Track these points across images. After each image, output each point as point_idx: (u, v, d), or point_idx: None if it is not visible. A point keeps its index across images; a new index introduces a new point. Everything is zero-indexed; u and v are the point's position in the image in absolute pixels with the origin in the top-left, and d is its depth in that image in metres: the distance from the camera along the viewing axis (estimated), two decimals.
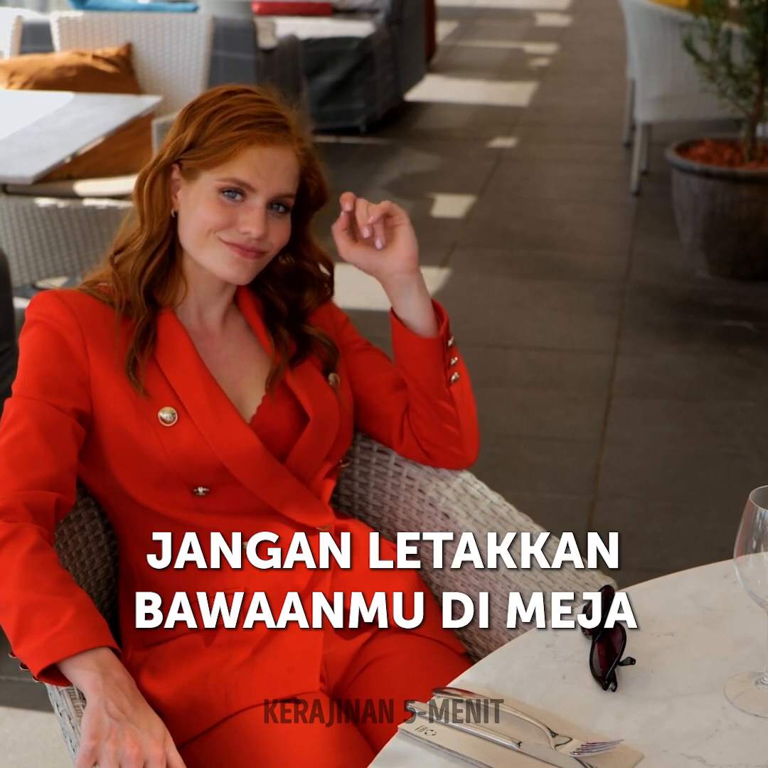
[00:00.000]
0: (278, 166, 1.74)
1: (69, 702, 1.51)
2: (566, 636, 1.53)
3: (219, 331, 1.84)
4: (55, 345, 1.74)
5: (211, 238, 1.74)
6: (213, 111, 1.74)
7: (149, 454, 1.72)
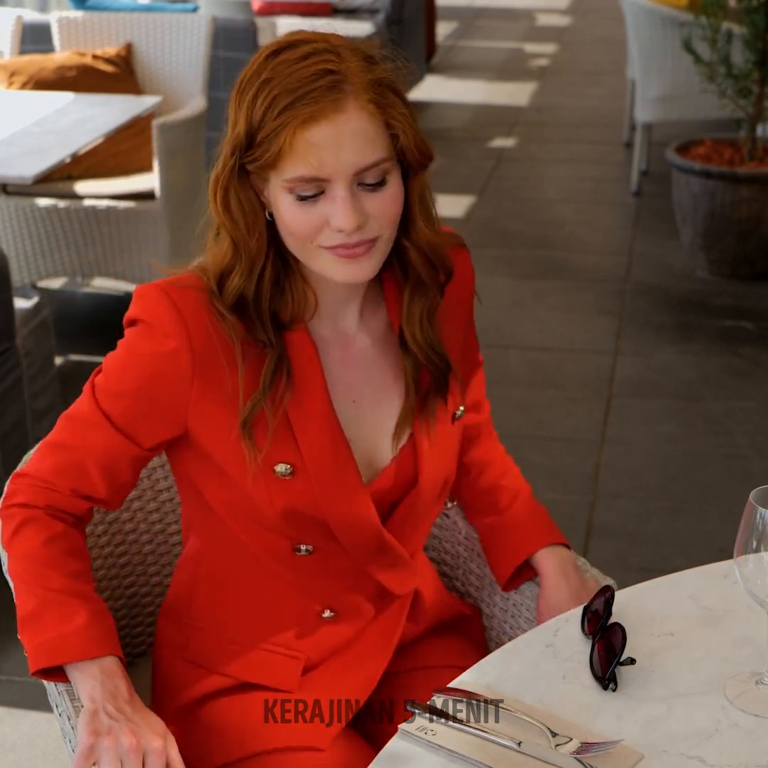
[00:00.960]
0: (340, 139, 1.41)
1: (68, 702, 1.51)
2: (566, 636, 1.53)
3: (355, 333, 1.58)
4: (155, 368, 1.51)
5: (310, 246, 1.47)
6: (256, 90, 1.43)
7: (256, 503, 1.53)
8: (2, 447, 3.05)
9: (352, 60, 1.44)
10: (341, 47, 1.45)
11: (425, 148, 1.49)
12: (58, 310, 4.57)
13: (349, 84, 1.42)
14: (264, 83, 1.43)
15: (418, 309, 1.56)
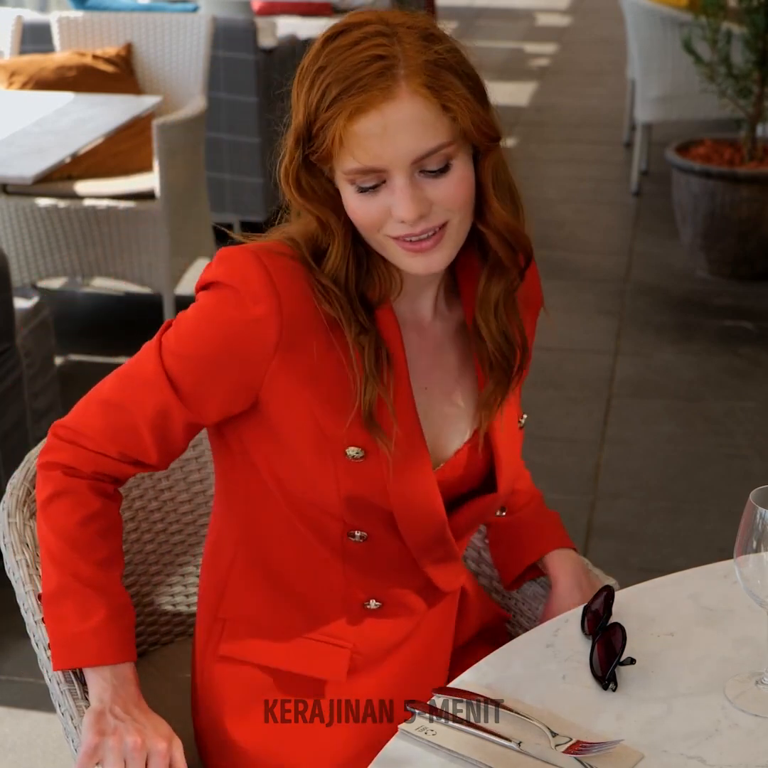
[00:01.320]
0: (398, 127, 1.35)
1: (71, 702, 1.51)
2: (566, 636, 1.53)
3: (431, 320, 1.53)
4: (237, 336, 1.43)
5: (377, 236, 1.42)
6: (312, 78, 1.38)
7: (318, 483, 1.48)
8: (2, 447, 3.05)
9: (407, 40, 1.37)
10: (398, 26, 1.38)
11: (489, 128, 1.44)
12: (58, 310, 4.57)
13: (400, 68, 1.35)
14: (318, 71, 1.37)
15: (494, 293, 1.51)
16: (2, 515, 1.65)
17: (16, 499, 1.66)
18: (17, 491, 1.67)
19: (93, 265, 4.32)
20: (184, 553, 1.90)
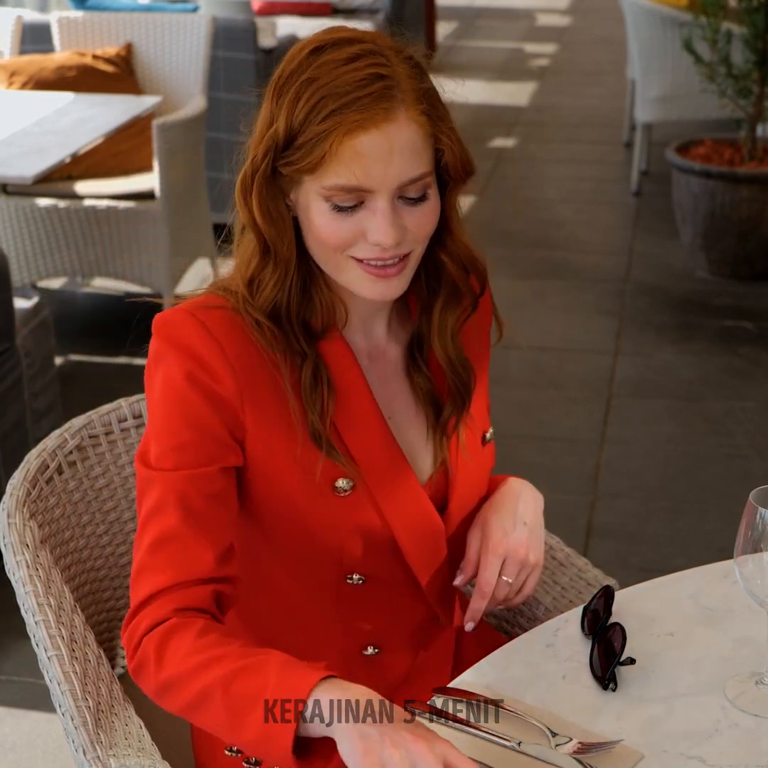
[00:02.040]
0: (390, 150, 1.34)
1: (71, 702, 1.51)
2: (566, 636, 1.53)
3: (386, 343, 1.52)
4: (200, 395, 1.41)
5: (340, 258, 1.40)
6: (298, 89, 1.34)
7: (314, 527, 1.46)
8: (2, 447, 3.05)
9: (400, 65, 1.36)
10: (388, 50, 1.37)
11: (468, 163, 1.44)
12: (58, 310, 4.57)
13: (400, 91, 1.35)
14: (307, 82, 1.34)
15: (451, 320, 1.52)
16: (2, 515, 1.65)
17: (16, 499, 1.66)
18: (17, 491, 1.67)
19: (93, 265, 4.32)
20: None
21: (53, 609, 1.58)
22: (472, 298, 1.54)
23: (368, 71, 1.34)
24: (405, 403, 1.53)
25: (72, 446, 1.75)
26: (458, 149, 1.42)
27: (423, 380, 1.53)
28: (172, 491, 1.41)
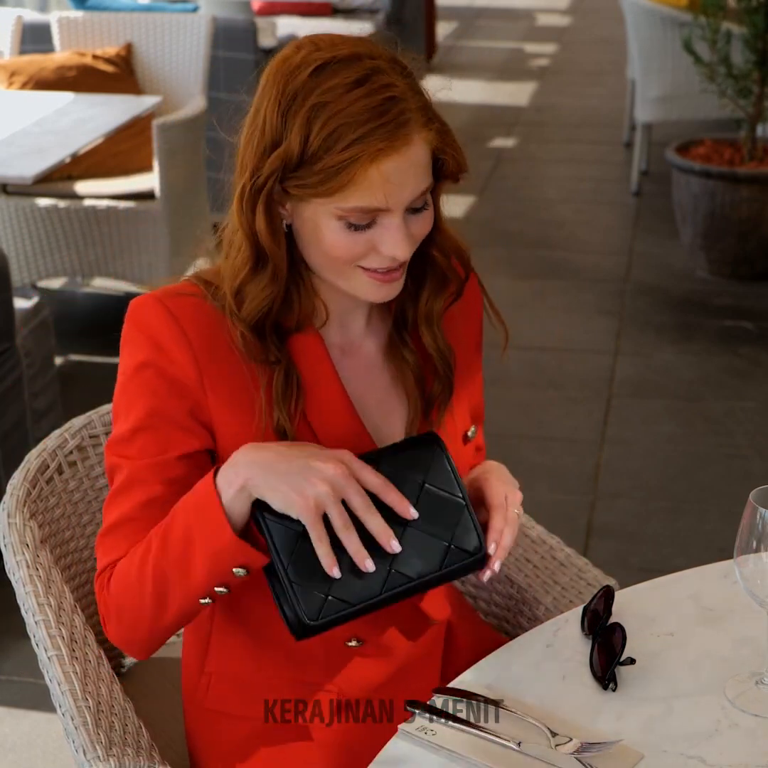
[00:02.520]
0: (408, 171, 1.38)
1: (71, 702, 1.51)
2: (566, 636, 1.53)
3: (362, 339, 1.56)
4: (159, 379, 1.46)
5: (348, 267, 1.43)
6: (309, 111, 1.36)
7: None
8: (2, 447, 3.05)
9: (401, 80, 1.39)
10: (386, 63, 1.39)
11: (465, 164, 1.48)
12: (58, 310, 4.57)
13: (411, 112, 1.38)
14: (319, 107, 1.36)
15: (437, 307, 1.55)
16: (2, 516, 1.65)
17: (16, 499, 1.66)
18: (17, 491, 1.67)
19: (93, 265, 4.32)
20: None
21: (53, 609, 1.58)
22: (457, 284, 1.58)
23: (380, 96, 1.36)
24: (380, 397, 1.56)
25: (72, 446, 1.75)
26: (459, 156, 1.46)
27: (412, 358, 1.56)
28: (134, 479, 1.47)
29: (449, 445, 1.53)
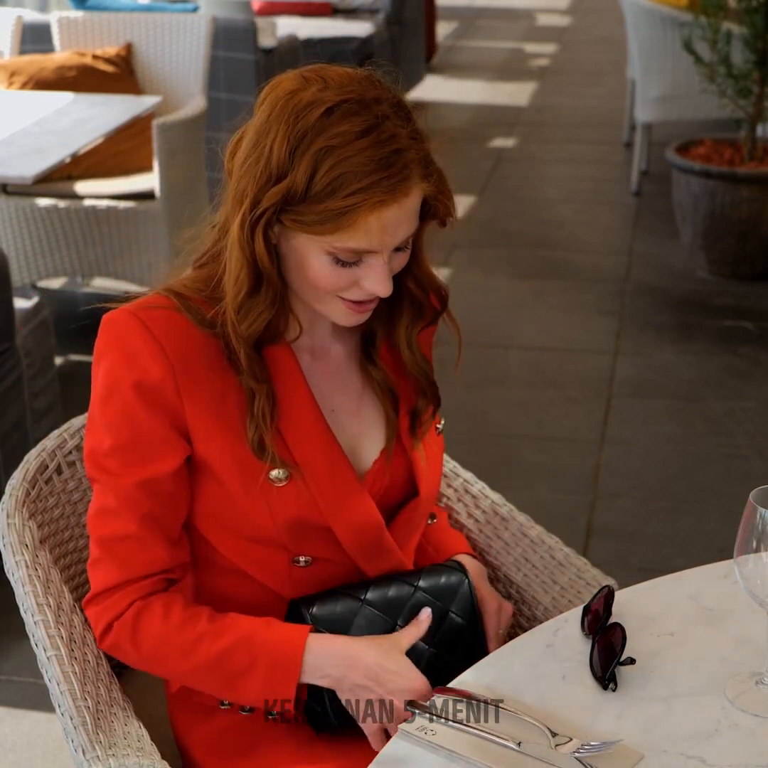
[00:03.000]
0: (403, 220, 1.45)
1: (71, 702, 1.51)
2: (566, 636, 1.53)
3: (330, 344, 1.61)
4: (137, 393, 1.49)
5: (328, 297, 1.49)
6: (317, 153, 1.41)
7: (252, 516, 1.53)
8: (2, 447, 3.05)
9: (402, 128, 1.44)
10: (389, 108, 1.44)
11: (454, 211, 1.54)
12: (58, 310, 4.57)
13: (413, 164, 1.44)
14: (327, 151, 1.41)
15: (415, 334, 1.61)
16: (1, 516, 1.65)
17: (16, 499, 1.66)
18: (17, 492, 1.67)
19: (93, 265, 4.32)
20: None
21: (52, 609, 1.58)
22: (432, 315, 1.63)
23: (386, 150, 1.41)
24: (348, 398, 1.61)
25: (71, 446, 1.75)
26: (450, 203, 1.52)
27: (379, 375, 1.62)
28: (123, 497, 1.51)
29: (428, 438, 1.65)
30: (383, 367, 1.62)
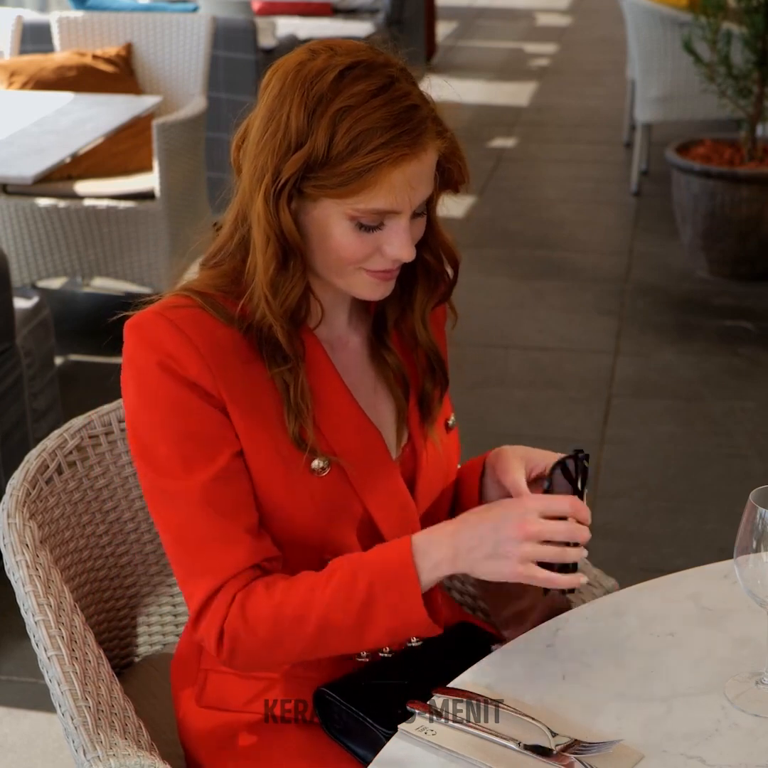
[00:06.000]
0: (422, 177, 1.45)
1: (71, 702, 1.51)
2: (566, 636, 1.53)
3: (348, 334, 1.60)
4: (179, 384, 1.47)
5: (350, 268, 1.48)
6: (335, 115, 1.41)
7: (295, 508, 1.51)
8: (2, 447, 3.05)
9: (413, 88, 1.46)
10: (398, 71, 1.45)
11: (468, 176, 1.54)
12: (58, 310, 4.57)
13: (428, 120, 1.45)
14: (344, 111, 1.41)
15: (429, 308, 1.60)
16: (2, 516, 1.65)
17: (16, 499, 1.66)
18: (17, 492, 1.67)
19: (93, 265, 4.32)
20: None
21: (53, 609, 1.58)
22: (447, 286, 1.62)
23: (402, 105, 1.42)
24: (367, 391, 1.59)
25: (72, 446, 1.75)
26: (464, 167, 1.52)
27: (393, 360, 1.60)
28: (195, 502, 1.47)
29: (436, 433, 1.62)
30: (396, 352, 1.61)
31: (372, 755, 1.41)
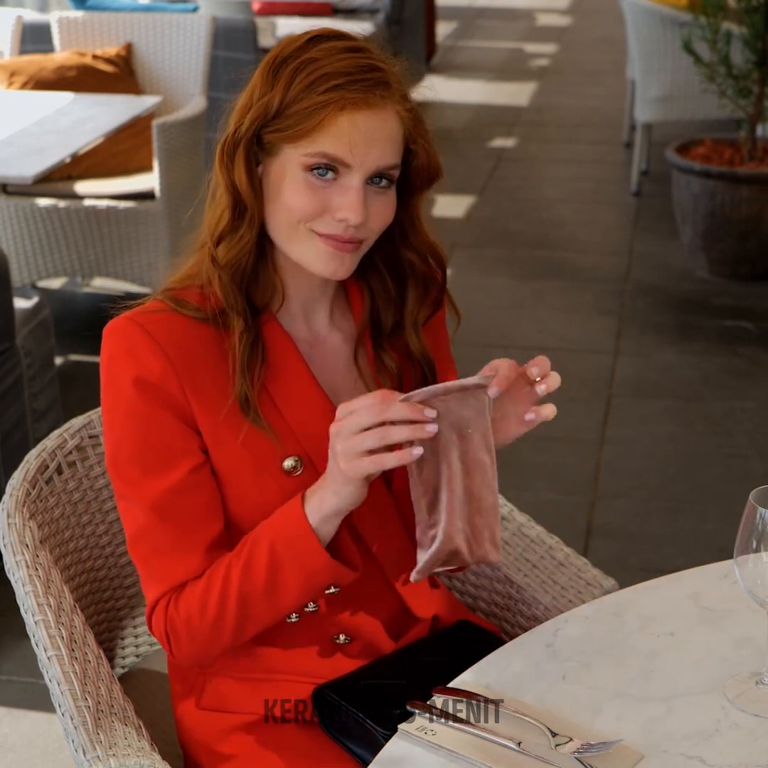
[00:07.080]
0: (377, 133, 1.44)
1: (71, 702, 1.51)
2: (566, 636, 1.53)
3: (328, 332, 1.59)
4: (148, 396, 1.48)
5: (301, 229, 1.47)
6: (296, 66, 1.44)
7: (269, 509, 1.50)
8: (2, 447, 3.05)
9: (394, 66, 1.49)
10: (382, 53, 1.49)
11: (437, 168, 1.54)
12: (58, 310, 4.57)
13: (392, 87, 1.46)
14: (309, 62, 1.44)
15: (422, 315, 1.61)
16: (2, 516, 1.65)
17: (16, 499, 1.66)
18: (17, 492, 1.67)
19: (93, 265, 4.32)
20: None
21: (53, 609, 1.58)
22: (438, 292, 1.63)
23: (368, 62, 1.45)
24: (348, 390, 1.59)
25: (72, 446, 1.75)
26: (432, 152, 1.52)
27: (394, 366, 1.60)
28: (151, 510, 1.49)
29: None
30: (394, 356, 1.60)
31: (371, 755, 1.41)
